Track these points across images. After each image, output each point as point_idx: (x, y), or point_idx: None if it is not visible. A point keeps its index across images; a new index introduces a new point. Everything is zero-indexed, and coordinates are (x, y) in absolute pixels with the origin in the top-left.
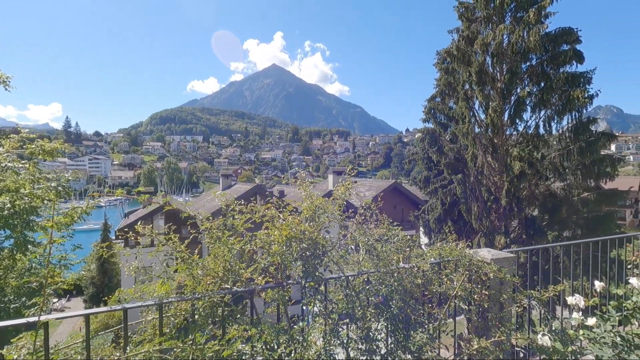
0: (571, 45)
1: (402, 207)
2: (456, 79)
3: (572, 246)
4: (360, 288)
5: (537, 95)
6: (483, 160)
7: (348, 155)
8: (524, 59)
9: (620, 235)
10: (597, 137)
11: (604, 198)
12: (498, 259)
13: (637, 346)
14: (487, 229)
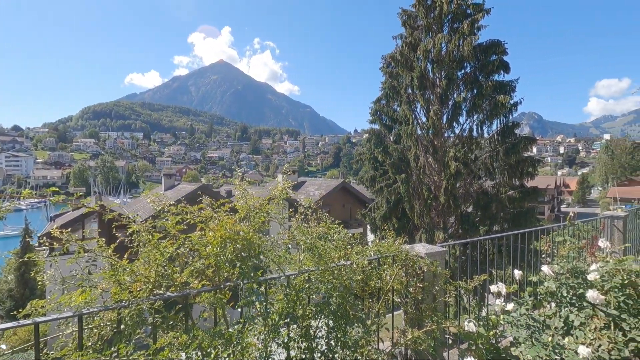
0: (499, 56)
1: (350, 205)
2: (400, 83)
3: (496, 239)
4: (300, 287)
5: (470, 101)
6: (424, 161)
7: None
8: (460, 66)
9: (538, 228)
10: (520, 140)
11: (527, 195)
12: (431, 253)
13: (548, 326)
14: (428, 225)
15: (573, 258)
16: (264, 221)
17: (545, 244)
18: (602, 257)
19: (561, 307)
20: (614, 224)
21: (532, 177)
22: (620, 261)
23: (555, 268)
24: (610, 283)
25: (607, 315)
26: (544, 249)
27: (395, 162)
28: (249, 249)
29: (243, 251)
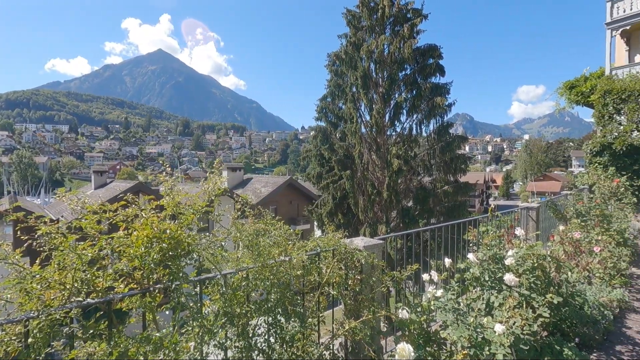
0: (435, 60)
1: (297, 202)
2: (345, 82)
3: (429, 231)
4: (237, 285)
5: (410, 101)
6: (368, 158)
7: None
8: (401, 68)
9: (466, 219)
10: (454, 139)
11: (459, 190)
12: (369, 246)
13: (472, 309)
14: (372, 219)
15: (494, 246)
16: (193, 219)
17: (471, 234)
18: (517, 244)
19: (484, 290)
20: (529, 214)
21: (464, 173)
22: (531, 247)
23: (479, 255)
24: (523, 267)
25: (520, 295)
26: (470, 238)
27: (340, 159)
28: (177, 248)
29: (170, 250)
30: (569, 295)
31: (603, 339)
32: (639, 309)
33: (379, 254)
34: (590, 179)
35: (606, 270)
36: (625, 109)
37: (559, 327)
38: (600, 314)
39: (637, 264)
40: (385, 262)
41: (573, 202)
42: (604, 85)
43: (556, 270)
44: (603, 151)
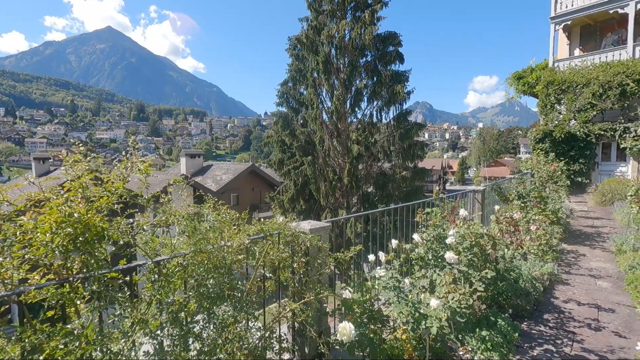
0: (395, 47)
1: (260, 189)
2: (306, 66)
3: (385, 214)
4: (171, 272)
5: (371, 88)
6: (329, 144)
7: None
8: (362, 54)
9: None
10: (412, 126)
11: (417, 175)
12: (316, 229)
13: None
14: (333, 205)
15: (439, 226)
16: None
17: (418, 216)
18: (460, 224)
19: (428, 269)
20: (475, 197)
21: (421, 159)
22: (469, 227)
23: (423, 236)
24: (462, 245)
25: (459, 272)
26: (417, 219)
27: (302, 145)
28: (85, 233)
29: (80, 236)
30: (505, 270)
31: (533, 309)
32: (566, 280)
33: (325, 236)
34: (533, 164)
35: (540, 247)
36: (564, 99)
37: (497, 300)
38: (533, 286)
39: (567, 240)
40: (329, 244)
41: (515, 185)
42: (546, 76)
43: (492, 247)
44: (545, 138)
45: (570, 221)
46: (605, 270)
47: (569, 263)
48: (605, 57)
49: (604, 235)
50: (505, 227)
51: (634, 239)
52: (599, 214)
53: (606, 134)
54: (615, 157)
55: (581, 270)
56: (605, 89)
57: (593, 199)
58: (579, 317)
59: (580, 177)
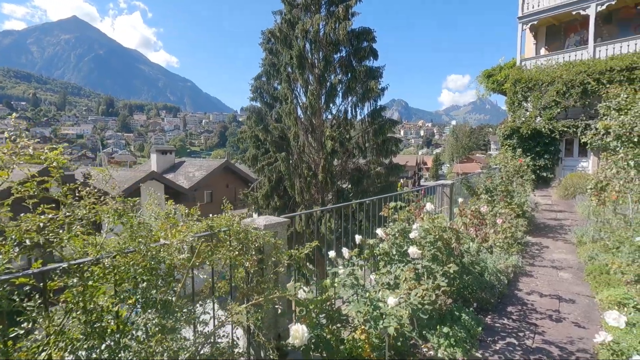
0: (369, 43)
1: (234, 186)
2: (280, 61)
3: (358, 207)
4: (97, 275)
5: (345, 84)
6: (304, 140)
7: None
8: (336, 49)
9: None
10: (386, 122)
11: (391, 171)
12: (271, 225)
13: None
14: (308, 201)
15: (404, 221)
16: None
17: (384, 211)
18: (424, 218)
19: (392, 264)
20: (443, 191)
21: (395, 154)
22: (432, 220)
23: (387, 230)
24: (426, 239)
25: (423, 267)
26: (383, 214)
27: (276, 141)
28: None
29: None
30: (470, 264)
31: (498, 302)
32: (530, 272)
33: (282, 233)
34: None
35: (505, 239)
36: (531, 97)
37: (462, 294)
38: (497, 279)
39: (532, 233)
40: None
41: (484, 179)
42: (514, 75)
43: (457, 241)
44: (512, 135)
45: (535, 214)
46: (567, 261)
47: (533, 255)
48: (569, 57)
49: (566, 228)
50: (469, 221)
51: (593, 231)
52: (562, 207)
53: (569, 130)
54: (578, 153)
55: (544, 262)
56: (568, 87)
57: (557, 193)
58: (541, 309)
59: (545, 172)
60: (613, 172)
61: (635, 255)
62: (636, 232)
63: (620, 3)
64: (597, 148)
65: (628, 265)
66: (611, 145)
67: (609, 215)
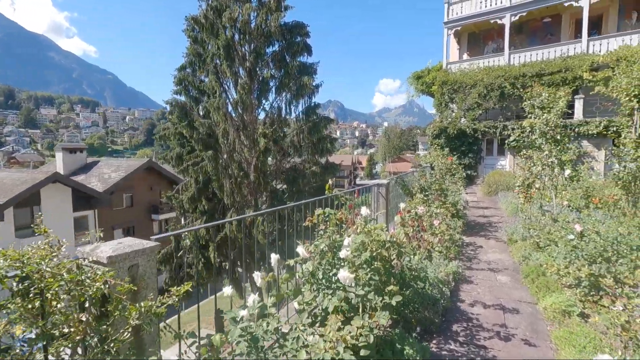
0: (303, 38)
1: (160, 188)
2: (206, 51)
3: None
4: None
5: (279, 79)
6: (235, 137)
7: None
8: (268, 42)
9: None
10: (321, 119)
11: (327, 170)
12: (124, 255)
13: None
14: (239, 204)
15: (334, 231)
16: None
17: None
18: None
19: (319, 290)
20: (379, 191)
21: (330, 153)
22: (368, 232)
23: (311, 248)
24: (361, 258)
25: (357, 296)
26: (307, 224)
27: (203, 138)
28: None
29: None
30: (411, 279)
31: (442, 321)
32: (469, 278)
33: (149, 264)
34: (431, 158)
35: (444, 243)
36: (456, 99)
37: (402, 314)
38: (440, 292)
39: (466, 232)
40: (135, 283)
41: (418, 178)
42: (441, 77)
43: (398, 257)
44: (441, 134)
45: (466, 212)
46: (502, 262)
47: (469, 257)
48: (488, 62)
49: (495, 225)
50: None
51: (522, 228)
52: (487, 203)
53: (489, 131)
54: (497, 152)
55: (481, 264)
56: (488, 90)
57: (481, 190)
58: (487, 325)
59: (469, 170)
60: (539, 169)
61: (571, 256)
62: (565, 229)
63: (529, 16)
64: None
65: (566, 267)
66: (537, 143)
67: (535, 212)
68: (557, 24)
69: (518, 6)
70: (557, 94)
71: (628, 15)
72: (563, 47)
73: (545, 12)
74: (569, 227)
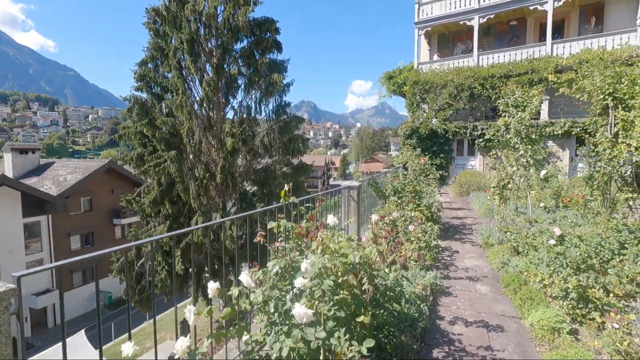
0: (272, 34)
1: (122, 191)
2: (169, 45)
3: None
4: None
5: (248, 77)
6: (201, 137)
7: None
8: (236, 37)
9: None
10: (292, 118)
11: (298, 171)
12: None
13: None
14: (206, 207)
15: (292, 248)
16: None
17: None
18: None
19: (272, 326)
20: (350, 194)
21: (302, 154)
22: (331, 255)
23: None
24: (321, 286)
25: (317, 339)
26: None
27: (165, 138)
28: None
29: None
30: (385, 300)
31: (421, 347)
32: (448, 288)
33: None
34: (404, 159)
35: (420, 250)
36: (428, 99)
37: (377, 339)
38: (418, 309)
39: (441, 235)
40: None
41: (391, 179)
42: (412, 77)
43: (370, 281)
44: (412, 134)
45: (440, 214)
46: (480, 269)
47: (446, 264)
48: (458, 63)
49: (469, 227)
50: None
51: (498, 232)
52: (460, 204)
53: (460, 131)
54: (467, 152)
55: (459, 272)
56: (459, 90)
57: (453, 190)
58: (471, 348)
59: (441, 171)
60: (514, 170)
61: (555, 264)
62: (545, 234)
63: (497, 18)
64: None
65: (550, 277)
66: (511, 142)
67: (510, 214)
68: (523, 27)
69: (486, 8)
70: (531, 92)
71: (588, 20)
72: (529, 49)
73: (511, 15)
74: (548, 231)
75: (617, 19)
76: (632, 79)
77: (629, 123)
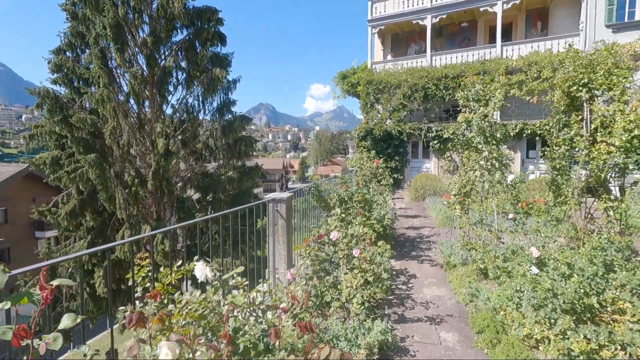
0: (214, 25)
1: (45, 199)
2: (91, 31)
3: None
4: None
5: (188, 71)
6: (130, 138)
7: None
8: (172, 26)
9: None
10: (236, 117)
11: (245, 175)
12: None
13: None
14: (136, 217)
15: None
16: None
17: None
18: None
19: None
20: (277, 209)
21: (249, 156)
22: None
23: None
24: None
25: None
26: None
27: (83, 138)
28: None
29: None
30: None
31: None
32: (402, 341)
33: None
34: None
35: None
36: (382, 99)
37: None
38: None
39: (395, 254)
40: None
41: (338, 185)
42: (366, 77)
43: None
44: (367, 136)
45: (394, 224)
46: (443, 302)
47: (401, 297)
48: (412, 63)
49: (427, 240)
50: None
51: (461, 249)
52: (416, 210)
53: (414, 132)
54: (422, 155)
55: (417, 310)
56: (413, 91)
57: (408, 195)
58: None
59: (396, 174)
60: (476, 174)
61: (547, 309)
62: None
63: (449, 19)
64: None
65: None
66: (474, 142)
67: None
68: (474, 29)
69: (438, 8)
70: (493, 85)
71: (534, 24)
72: (480, 50)
73: (463, 17)
74: (522, 251)
75: (561, 23)
76: (607, 69)
77: (609, 118)
